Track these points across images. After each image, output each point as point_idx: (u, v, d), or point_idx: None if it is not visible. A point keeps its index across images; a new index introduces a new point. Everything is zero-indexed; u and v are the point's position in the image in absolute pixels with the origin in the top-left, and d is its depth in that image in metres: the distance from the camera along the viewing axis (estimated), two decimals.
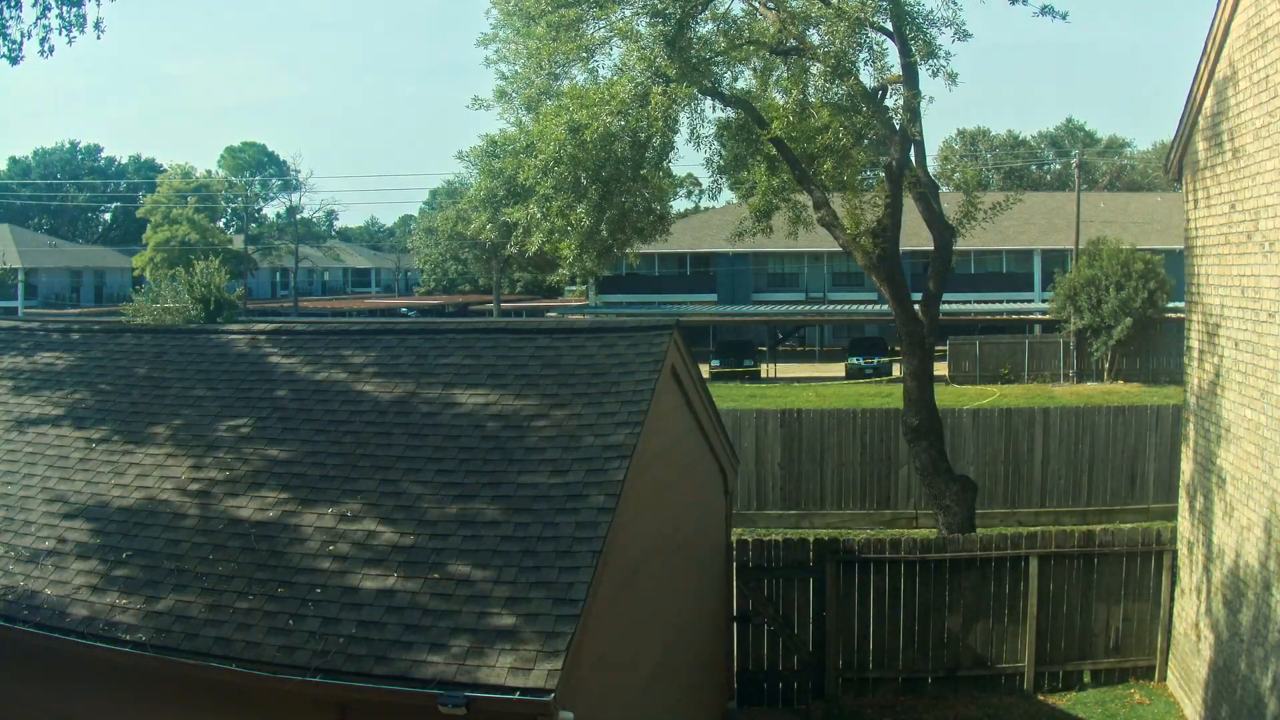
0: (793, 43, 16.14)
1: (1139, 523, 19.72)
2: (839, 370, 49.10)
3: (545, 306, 70.91)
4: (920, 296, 17.67)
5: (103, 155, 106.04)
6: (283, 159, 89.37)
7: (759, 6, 16.78)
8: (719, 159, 18.36)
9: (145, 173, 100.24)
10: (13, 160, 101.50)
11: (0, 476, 9.53)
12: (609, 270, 37.35)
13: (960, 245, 19.43)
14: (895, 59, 15.76)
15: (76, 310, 67.56)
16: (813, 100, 16.40)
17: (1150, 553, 14.45)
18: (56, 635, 7.66)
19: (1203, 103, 12.88)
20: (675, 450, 10.77)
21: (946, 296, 21.38)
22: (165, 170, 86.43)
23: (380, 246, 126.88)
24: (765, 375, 48.66)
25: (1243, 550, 11.59)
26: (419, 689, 6.87)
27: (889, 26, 15.48)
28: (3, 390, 10.95)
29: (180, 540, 8.38)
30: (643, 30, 15.75)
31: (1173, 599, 14.32)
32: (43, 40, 11.26)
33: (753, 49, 16.79)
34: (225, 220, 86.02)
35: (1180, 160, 14.11)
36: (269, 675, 7.15)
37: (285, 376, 10.49)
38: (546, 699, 6.68)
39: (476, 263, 74.65)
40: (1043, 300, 52.41)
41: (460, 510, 8.32)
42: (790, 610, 14.33)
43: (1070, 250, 48.91)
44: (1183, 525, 14.17)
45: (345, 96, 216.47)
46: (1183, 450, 14.30)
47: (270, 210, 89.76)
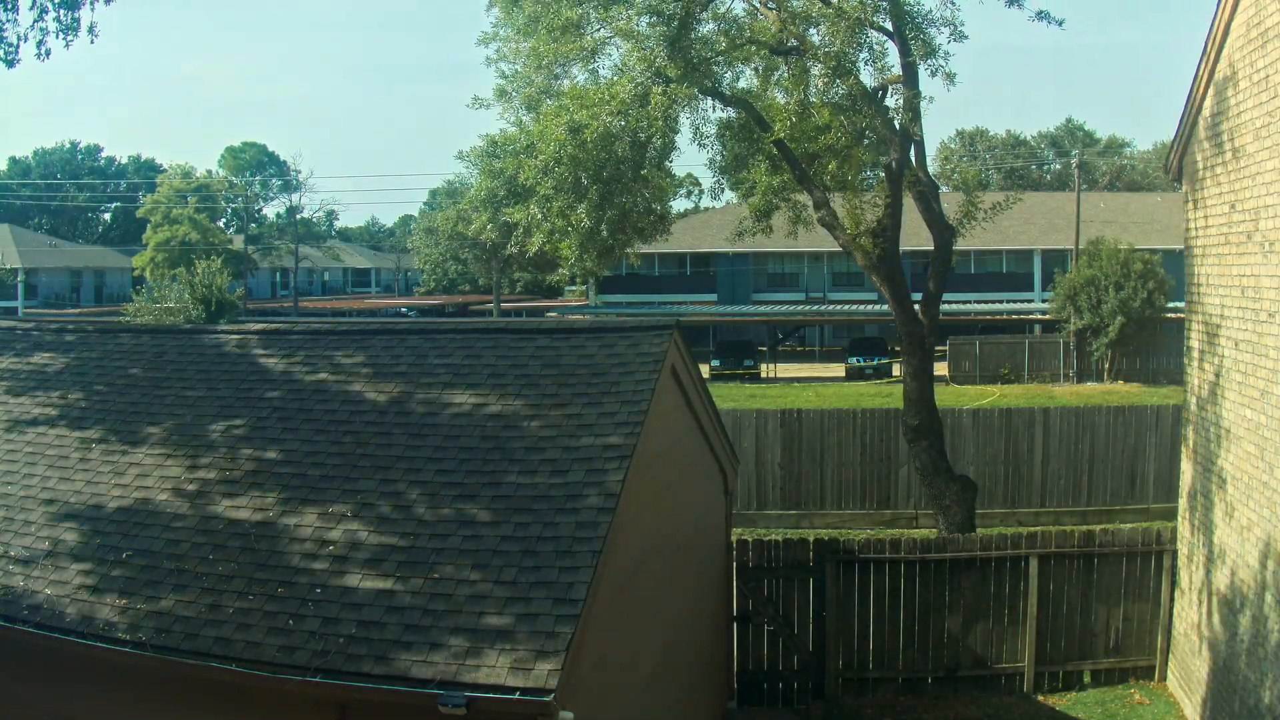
0: (793, 42, 16.14)
1: (1139, 523, 19.72)
2: (839, 370, 49.09)
3: (545, 306, 70.91)
4: (920, 296, 17.68)
5: (103, 155, 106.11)
6: (283, 159, 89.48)
7: (760, 6, 16.78)
8: (720, 159, 18.37)
9: (145, 173, 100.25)
10: (13, 160, 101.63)
11: (0, 477, 9.53)
12: (609, 270, 37.35)
13: (960, 245, 19.43)
14: (895, 59, 15.80)
15: (76, 310, 67.55)
16: (813, 100, 16.39)
17: (1150, 553, 14.45)
18: (56, 635, 7.66)
19: (1203, 103, 12.88)
20: (675, 450, 10.76)
21: (946, 296, 21.38)
22: (165, 170, 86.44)
23: (380, 246, 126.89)
24: (765, 375, 48.66)
25: (1243, 550, 11.59)
26: (419, 689, 6.87)
27: (889, 26, 15.49)
28: (1, 390, 10.95)
29: (180, 540, 8.38)
30: (643, 30, 15.76)
31: (1173, 599, 14.32)
32: (39, 44, 11.26)
33: (753, 49, 16.80)
34: (225, 220, 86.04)
35: (1180, 160, 14.11)
36: (269, 675, 7.15)
37: (284, 377, 10.49)
38: (546, 699, 6.68)
39: (476, 263, 74.66)
40: (1043, 300, 52.42)
41: (460, 510, 8.31)
42: (790, 610, 14.33)
43: (1070, 250, 48.92)
44: (1182, 525, 14.17)
45: (345, 96, 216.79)
46: (1182, 451, 14.30)
47: (270, 210, 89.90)
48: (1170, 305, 41.11)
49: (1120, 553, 14.46)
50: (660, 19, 15.24)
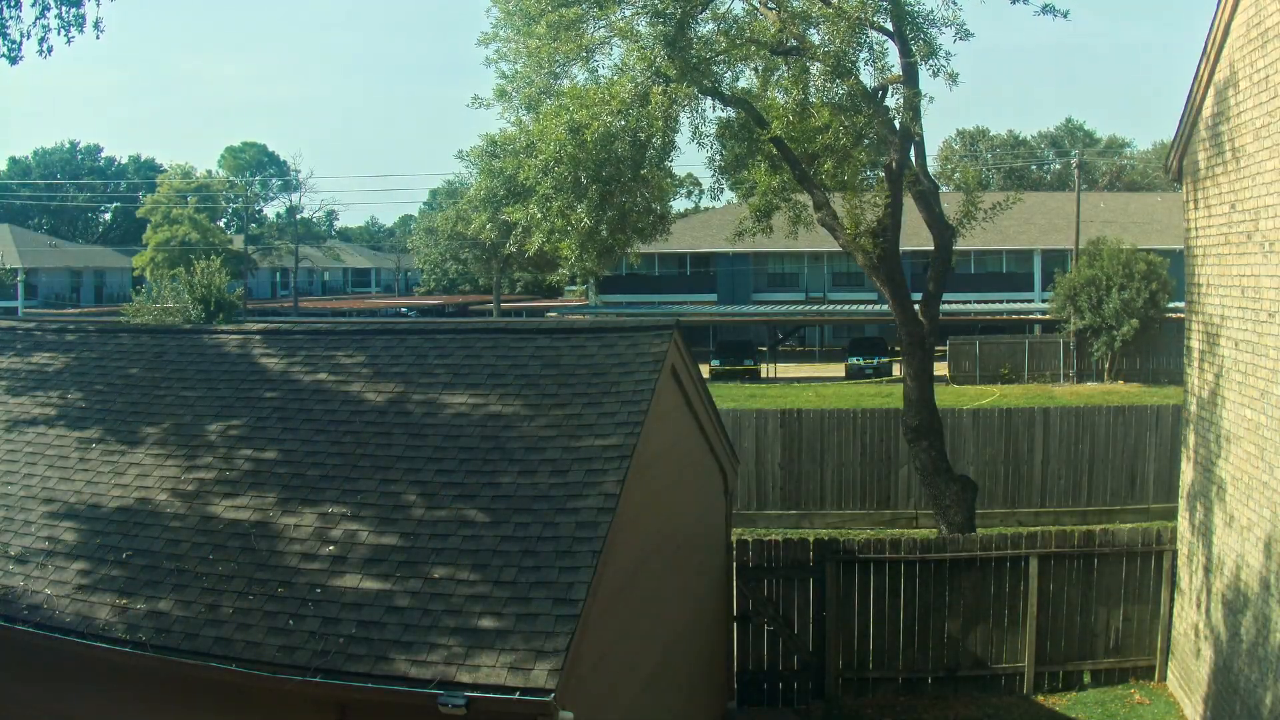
0: (793, 42, 16.13)
1: (1139, 523, 19.70)
2: (839, 370, 49.09)
3: (545, 306, 70.88)
4: (920, 296, 17.67)
5: (103, 155, 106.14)
6: (283, 159, 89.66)
7: (759, 6, 16.77)
8: (719, 159, 18.35)
9: (145, 173, 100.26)
10: (13, 160, 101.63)
11: (0, 477, 9.53)
12: (609, 270, 37.31)
13: (960, 245, 19.42)
14: (895, 59, 15.79)
15: (76, 310, 67.56)
16: (813, 100, 16.37)
17: (1150, 553, 14.45)
18: (56, 635, 7.66)
19: (1202, 103, 12.88)
20: (675, 450, 10.76)
21: (946, 296, 21.37)
22: (165, 170, 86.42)
23: (380, 246, 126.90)
24: (765, 375, 48.65)
25: (1243, 551, 11.59)
26: (419, 689, 6.87)
27: (889, 26, 15.48)
28: (1, 390, 10.95)
29: (180, 540, 8.38)
30: (643, 30, 15.76)
31: (1173, 599, 14.32)
32: (41, 40, 11.25)
33: (753, 49, 16.78)
34: (225, 220, 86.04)
35: (1180, 160, 14.11)
36: (269, 675, 7.15)
37: (284, 377, 10.49)
38: (546, 699, 6.68)
39: (476, 263, 74.63)
40: (1043, 300, 52.40)
41: (460, 510, 8.31)
42: (790, 610, 14.33)
43: (1070, 250, 48.91)
44: (1182, 525, 14.17)
45: (345, 96, 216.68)
46: (1182, 451, 14.30)
47: (270, 210, 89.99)
48: (1170, 305, 41.11)
49: (1120, 553, 14.45)
50: (659, 19, 15.23)
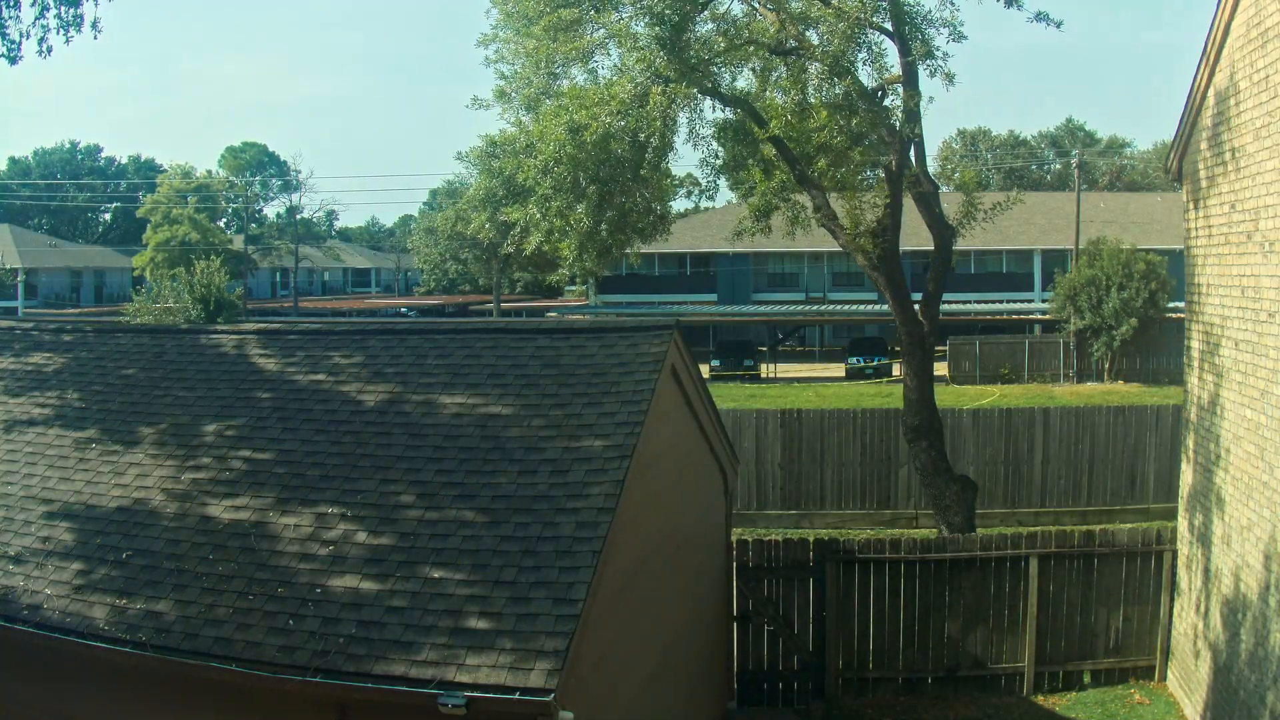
0: (792, 43, 16.13)
1: (1139, 523, 19.70)
2: (839, 370, 49.08)
3: (545, 306, 70.88)
4: (920, 296, 17.67)
5: (103, 155, 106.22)
6: (283, 159, 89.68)
7: (758, 6, 16.77)
8: (718, 159, 18.35)
9: (145, 173, 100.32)
10: (13, 160, 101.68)
11: (0, 477, 9.53)
12: (609, 270, 37.30)
13: (960, 245, 19.42)
14: (894, 59, 15.78)
15: (76, 310, 67.56)
16: (812, 100, 16.38)
17: (1150, 553, 14.45)
18: (56, 635, 7.66)
19: (1202, 103, 12.88)
20: (675, 450, 10.76)
21: (946, 296, 21.36)
22: (165, 170, 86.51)
23: (380, 246, 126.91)
24: (765, 375, 48.66)
25: (1244, 551, 11.59)
26: (419, 689, 6.87)
27: (888, 27, 15.48)
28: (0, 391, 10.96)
29: (180, 540, 8.38)
30: (641, 31, 15.75)
31: (1173, 599, 14.32)
32: (41, 40, 11.26)
33: (752, 49, 16.78)
34: (225, 220, 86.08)
35: (1180, 161, 14.11)
36: (269, 675, 7.15)
37: (284, 377, 10.49)
38: (546, 699, 6.68)
39: (476, 263, 74.65)
40: (1043, 300, 52.41)
41: (460, 510, 8.31)
42: (790, 610, 14.32)
43: (1070, 250, 48.91)
44: (1182, 525, 14.17)
45: (345, 96, 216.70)
46: (1182, 451, 14.30)
47: (270, 210, 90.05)
48: (1170, 305, 41.11)
49: (1120, 553, 14.45)
50: (656, 19, 15.23)
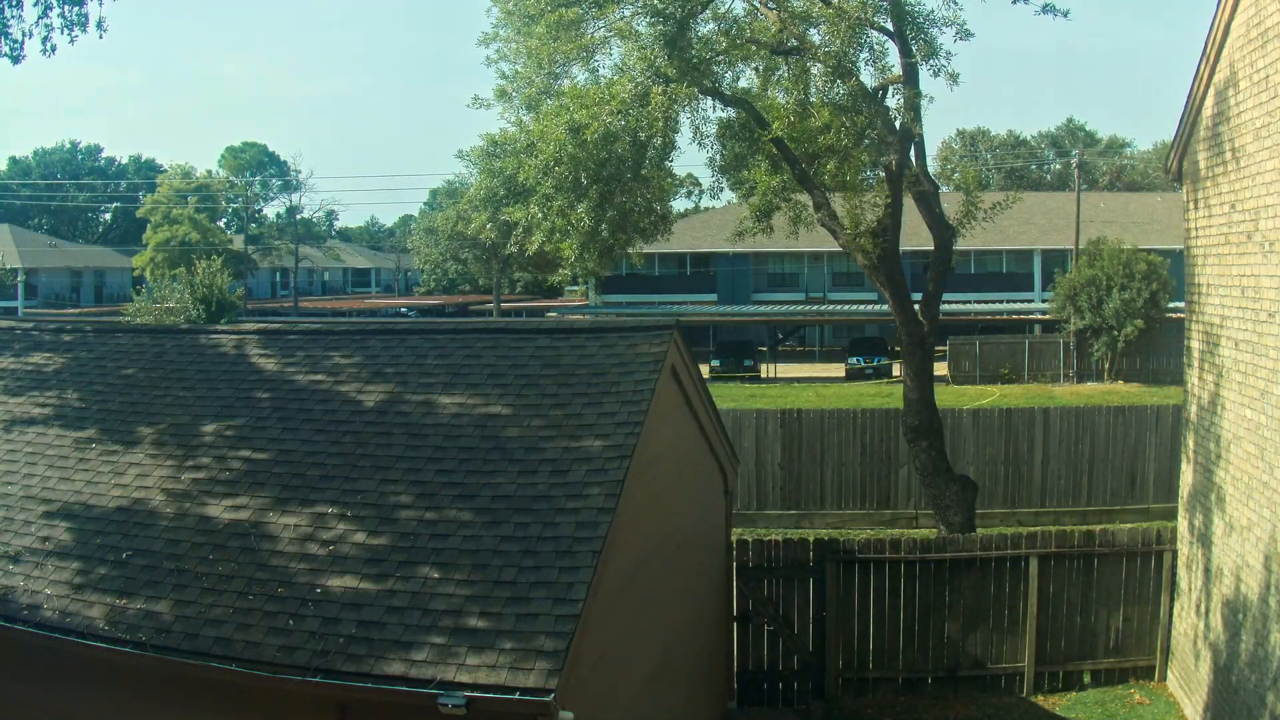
0: (793, 42, 16.13)
1: (1139, 523, 19.71)
2: (839, 370, 49.07)
3: (545, 306, 70.87)
4: (920, 296, 17.67)
5: (103, 155, 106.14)
6: (283, 159, 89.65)
7: (760, 6, 16.76)
8: (719, 159, 18.35)
9: (145, 173, 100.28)
10: (13, 160, 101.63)
11: (0, 477, 9.53)
12: (609, 270, 37.34)
13: (960, 245, 19.40)
14: (896, 59, 15.77)
15: (76, 310, 67.55)
16: (813, 100, 16.37)
17: (1150, 553, 14.45)
18: (56, 635, 7.66)
19: (1203, 103, 12.88)
20: (675, 450, 10.76)
21: (946, 296, 21.35)
22: (165, 170, 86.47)
23: (380, 246, 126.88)
24: (765, 375, 48.64)
25: (1244, 550, 11.59)
26: (419, 689, 6.87)
27: (890, 26, 15.47)
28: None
29: (180, 540, 8.38)
30: (642, 30, 15.74)
31: (1173, 599, 14.31)
32: (44, 39, 11.27)
33: (754, 49, 16.78)
34: (225, 220, 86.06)
35: (1180, 161, 14.10)
36: (269, 675, 7.15)
37: (284, 377, 10.49)
38: (546, 699, 6.68)
39: (476, 263, 74.66)
40: (1043, 300, 52.39)
41: (459, 510, 8.31)
42: (790, 610, 14.32)
43: (1070, 250, 48.90)
44: (1182, 525, 14.17)
45: (345, 96, 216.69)
46: (1182, 451, 14.29)
47: (270, 210, 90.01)
48: (1170, 305, 41.09)
49: (1120, 553, 14.45)
50: (658, 19, 15.23)
